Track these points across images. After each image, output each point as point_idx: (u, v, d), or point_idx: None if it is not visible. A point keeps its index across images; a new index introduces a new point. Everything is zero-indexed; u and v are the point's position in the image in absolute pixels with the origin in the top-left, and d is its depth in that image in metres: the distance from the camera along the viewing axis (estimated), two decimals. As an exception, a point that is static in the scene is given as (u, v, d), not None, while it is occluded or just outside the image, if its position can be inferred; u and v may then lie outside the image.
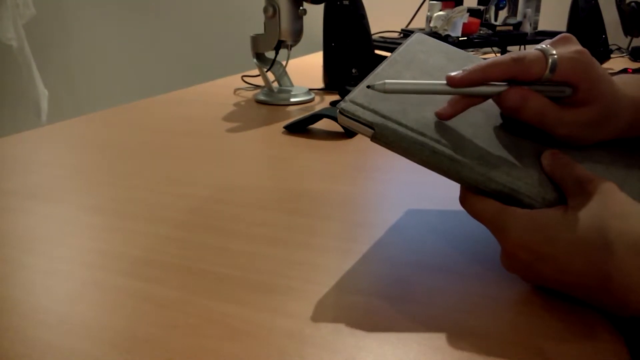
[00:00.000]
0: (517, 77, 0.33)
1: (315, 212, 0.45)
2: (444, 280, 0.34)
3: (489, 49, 1.52)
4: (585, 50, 0.34)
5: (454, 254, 0.38)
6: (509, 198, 0.32)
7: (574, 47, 0.34)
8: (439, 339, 0.29)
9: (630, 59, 1.38)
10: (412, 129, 0.33)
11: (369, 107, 0.34)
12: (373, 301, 0.32)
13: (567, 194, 0.31)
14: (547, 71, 0.32)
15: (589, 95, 0.33)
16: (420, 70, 0.40)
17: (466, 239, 0.40)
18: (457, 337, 0.29)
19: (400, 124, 0.34)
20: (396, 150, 0.34)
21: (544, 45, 0.33)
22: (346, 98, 0.35)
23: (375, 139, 0.34)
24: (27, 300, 0.32)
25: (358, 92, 0.35)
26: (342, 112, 0.34)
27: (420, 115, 0.35)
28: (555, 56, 0.32)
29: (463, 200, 0.34)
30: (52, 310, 0.31)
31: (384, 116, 0.34)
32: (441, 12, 1.13)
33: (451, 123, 0.35)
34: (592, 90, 0.33)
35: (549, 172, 0.33)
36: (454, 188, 0.35)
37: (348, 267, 0.36)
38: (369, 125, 0.34)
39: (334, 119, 0.69)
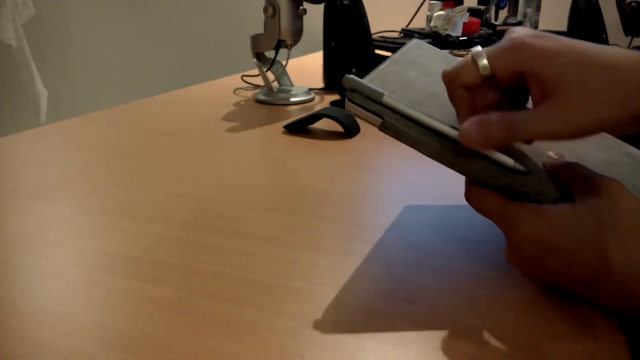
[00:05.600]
0: (463, 90, 0.32)
1: (315, 212, 0.45)
2: (444, 280, 0.34)
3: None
4: (520, 33, 0.30)
5: (455, 254, 0.38)
6: (516, 194, 0.32)
7: (509, 35, 0.31)
8: (439, 339, 0.29)
9: (630, 58, 1.38)
10: (421, 120, 0.33)
11: None
12: (373, 301, 0.32)
13: (573, 192, 0.32)
14: (482, 71, 0.30)
15: (546, 75, 0.29)
16: (423, 71, 0.40)
17: (466, 238, 0.40)
18: (457, 337, 0.29)
19: (409, 114, 0.33)
20: (404, 141, 0.34)
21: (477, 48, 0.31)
22: None
23: (383, 128, 0.33)
24: (26, 300, 0.32)
25: (368, 82, 0.35)
26: (351, 100, 0.34)
27: (429, 108, 0.35)
28: (481, 51, 0.30)
29: (468, 195, 0.34)
30: (52, 310, 0.31)
31: (393, 106, 0.34)
32: (441, 12, 1.13)
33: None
34: (545, 70, 0.29)
35: (554, 171, 0.33)
36: (454, 188, 0.35)
37: (348, 267, 0.36)
38: (378, 114, 0.33)
39: (334, 118, 0.69)
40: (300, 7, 0.87)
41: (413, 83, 0.38)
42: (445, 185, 0.50)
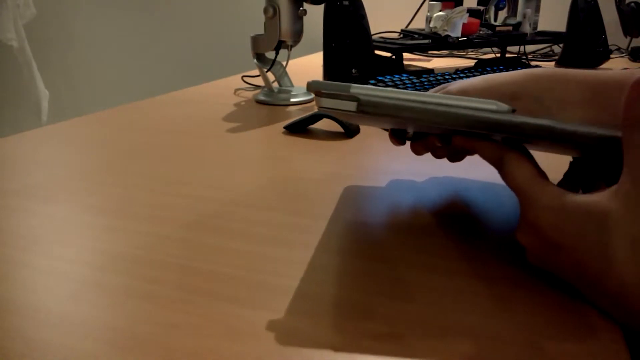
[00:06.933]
0: None
1: (315, 212, 0.45)
2: (444, 279, 0.34)
3: (488, 50, 1.52)
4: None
5: (455, 253, 0.38)
6: (515, 127, 0.32)
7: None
8: (438, 339, 0.29)
9: (629, 59, 1.38)
10: (396, 92, 0.33)
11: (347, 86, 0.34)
12: (373, 301, 0.32)
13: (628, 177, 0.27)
14: None
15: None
16: None
17: (466, 238, 0.40)
18: (457, 336, 0.29)
19: (381, 91, 0.34)
20: (384, 117, 0.33)
21: None
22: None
23: (361, 107, 0.33)
24: (27, 300, 0.33)
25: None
26: (320, 94, 0.34)
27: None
28: None
29: (500, 163, 0.34)
30: (53, 310, 0.31)
31: (363, 93, 0.34)
32: (441, 13, 1.13)
33: None
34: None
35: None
36: (456, 187, 0.35)
37: (348, 267, 0.36)
38: (353, 98, 0.33)
39: (334, 119, 0.69)
40: (301, 8, 0.87)
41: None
42: (446, 186, 0.50)
